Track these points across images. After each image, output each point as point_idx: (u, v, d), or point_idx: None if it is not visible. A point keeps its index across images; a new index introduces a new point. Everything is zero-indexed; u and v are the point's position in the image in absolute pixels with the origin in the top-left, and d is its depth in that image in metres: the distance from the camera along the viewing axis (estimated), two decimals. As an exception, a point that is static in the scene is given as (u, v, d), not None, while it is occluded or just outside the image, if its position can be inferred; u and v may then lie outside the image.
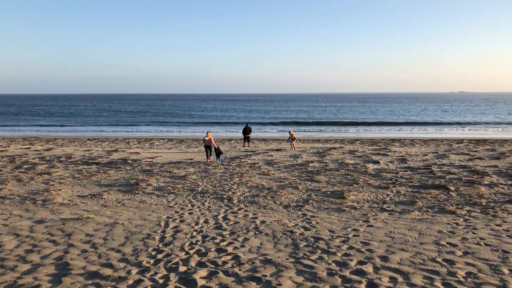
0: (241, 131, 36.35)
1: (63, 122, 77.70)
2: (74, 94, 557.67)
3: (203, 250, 9.95)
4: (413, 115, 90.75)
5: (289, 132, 31.49)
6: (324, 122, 73.23)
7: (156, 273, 8.53)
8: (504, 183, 17.89)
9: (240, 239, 10.82)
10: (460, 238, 10.75)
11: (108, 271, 8.61)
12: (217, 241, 10.64)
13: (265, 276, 8.37)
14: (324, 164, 23.55)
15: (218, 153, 25.27)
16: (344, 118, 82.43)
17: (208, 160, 25.12)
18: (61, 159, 26.08)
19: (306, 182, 18.55)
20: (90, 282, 8.11)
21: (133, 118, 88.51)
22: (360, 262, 9.08)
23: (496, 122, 69.89)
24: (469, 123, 68.78)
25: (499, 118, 79.29)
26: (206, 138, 25.56)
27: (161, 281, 8.19)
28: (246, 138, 33.99)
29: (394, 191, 16.60)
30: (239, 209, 14.10)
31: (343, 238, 10.80)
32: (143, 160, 25.58)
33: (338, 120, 76.97)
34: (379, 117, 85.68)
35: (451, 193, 16.17)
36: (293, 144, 30.59)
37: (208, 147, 25.49)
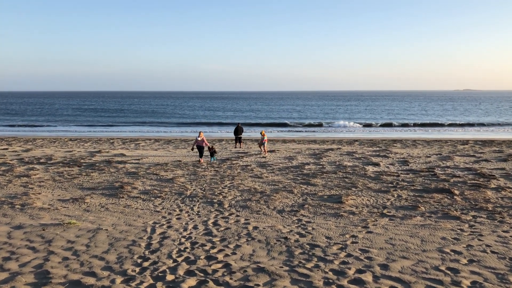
0: (233, 131, 36.34)
1: (42, 121, 77.26)
2: (53, 92, 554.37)
3: (192, 257, 9.95)
4: (412, 114, 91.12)
5: (261, 132, 29.90)
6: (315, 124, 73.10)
7: (142, 282, 8.53)
8: None
9: (231, 246, 10.83)
10: (465, 245, 10.81)
11: (90, 280, 8.60)
12: (206, 248, 10.64)
13: (258, 285, 8.39)
14: (321, 166, 23.60)
15: (212, 152, 25.80)
16: (337, 118, 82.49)
17: (201, 161, 25.26)
18: (41, 160, 25.98)
19: (301, 185, 18.59)
20: (72, 292, 8.11)
21: (117, 117, 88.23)
22: (359, 271, 9.11)
23: (504, 123, 70.14)
24: (475, 123, 68.99)
25: (504, 118, 79.73)
26: (199, 138, 25.79)
27: (147, 290, 8.19)
28: (238, 139, 34.00)
29: (395, 195, 16.66)
30: (230, 214, 14.11)
31: (340, 245, 10.83)
32: (128, 161, 25.53)
33: (330, 120, 76.92)
34: (376, 117, 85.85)
35: (455, 197, 16.25)
36: (263, 147, 29.16)
37: (200, 147, 25.69)
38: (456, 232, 12.03)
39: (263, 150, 29.22)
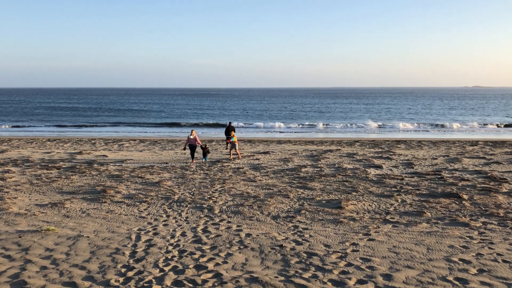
0: (224, 131, 36.33)
1: (14, 121, 76.61)
2: (27, 88, 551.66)
3: (180, 267, 9.95)
4: (412, 113, 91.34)
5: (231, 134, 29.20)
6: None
7: (126, 294, 8.52)
8: (523, 191, 18.08)
9: (222, 254, 10.83)
10: (474, 254, 10.85)
11: (70, 292, 8.59)
12: (196, 256, 10.64)
13: (252, 296, 8.40)
14: (319, 169, 23.63)
15: (205, 152, 26.13)
16: (333, 117, 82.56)
17: (194, 162, 25.43)
18: (17, 162, 25.89)
19: (298, 189, 18.61)
20: (50, 304, 8.09)
21: (98, 116, 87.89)
22: (360, 281, 9.14)
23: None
24: (483, 123, 69.02)
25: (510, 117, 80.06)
26: (191, 137, 25.96)
27: (132, 302, 8.19)
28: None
29: (399, 200, 16.70)
30: (221, 220, 14.11)
31: (340, 254, 10.85)
32: (111, 163, 25.49)
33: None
34: (373, 115, 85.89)
35: (464, 202, 16.30)
36: (236, 150, 28.24)
37: (193, 146, 25.82)
38: (464, 239, 12.07)
39: (232, 154, 28.33)
